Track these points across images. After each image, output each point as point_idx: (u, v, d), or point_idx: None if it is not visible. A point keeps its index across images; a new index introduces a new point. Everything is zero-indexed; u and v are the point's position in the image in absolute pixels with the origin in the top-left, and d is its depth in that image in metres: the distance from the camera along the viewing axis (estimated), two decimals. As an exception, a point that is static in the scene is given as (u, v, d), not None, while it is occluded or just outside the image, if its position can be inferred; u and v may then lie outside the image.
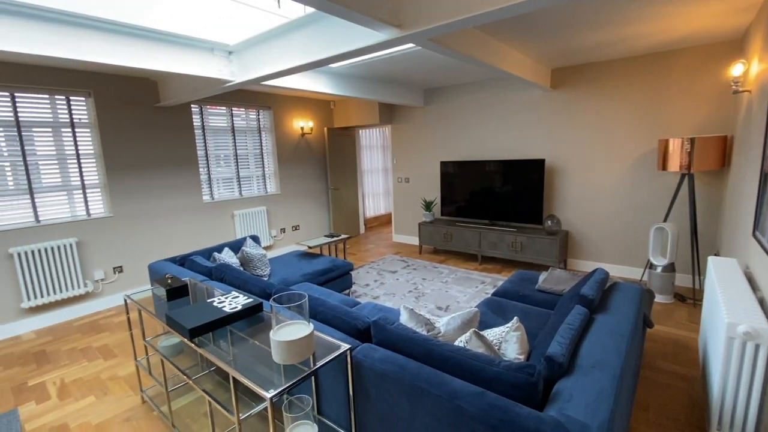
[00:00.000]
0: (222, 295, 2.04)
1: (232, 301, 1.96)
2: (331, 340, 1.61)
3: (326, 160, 6.31)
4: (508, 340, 1.67)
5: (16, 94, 3.38)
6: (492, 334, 1.75)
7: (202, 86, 3.49)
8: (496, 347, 1.68)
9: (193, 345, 1.62)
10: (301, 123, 5.81)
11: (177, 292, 2.18)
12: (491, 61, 3.10)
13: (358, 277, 4.56)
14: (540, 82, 4.10)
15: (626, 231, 4.19)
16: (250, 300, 1.95)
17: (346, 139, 6.50)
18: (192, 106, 4.56)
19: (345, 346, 1.53)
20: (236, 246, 3.55)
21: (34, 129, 3.49)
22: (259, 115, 5.36)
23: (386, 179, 8.32)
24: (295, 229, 5.92)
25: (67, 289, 3.65)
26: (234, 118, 5.07)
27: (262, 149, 5.44)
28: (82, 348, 3.11)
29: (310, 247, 3.97)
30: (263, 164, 5.48)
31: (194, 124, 4.59)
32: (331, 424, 1.72)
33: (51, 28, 2.35)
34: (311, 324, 1.50)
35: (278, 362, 1.41)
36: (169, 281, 2.23)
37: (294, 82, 3.70)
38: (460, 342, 1.58)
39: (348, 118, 6.22)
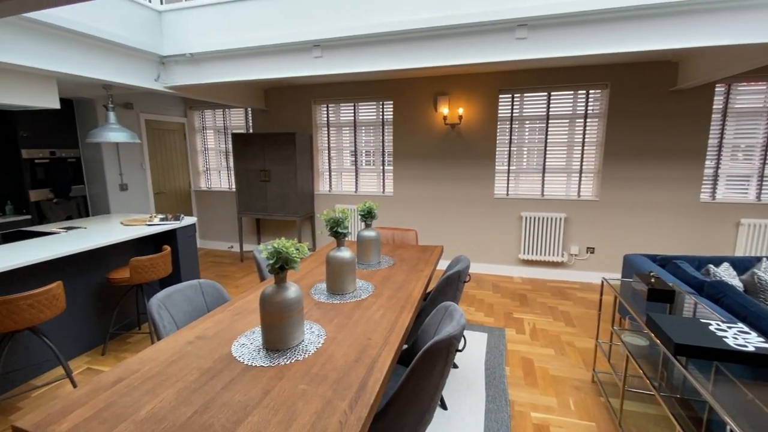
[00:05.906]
0: (723, 323, 1.62)
1: (739, 336, 1.50)
2: None
3: None
4: None
5: (552, 93, 4.26)
6: None
7: (746, 56, 2.75)
8: None
9: (677, 363, 1.40)
10: None
11: (660, 295, 1.98)
12: None
13: None
14: None
15: None
16: (774, 347, 1.40)
17: None
18: (717, 86, 3.78)
19: None
20: (742, 264, 2.70)
21: (554, 121, 4.29)
22: (831, 85, 3.58)
23: None
24: None
25: (548, 254, 4.41)
26: (779, 95, 3.70)
27: (820, 137, 3.66)
28: (550, 306, 3.68)
29: None
30: (816, 160, 3.70)
31: (713, 107, 3.80)
32: None
33: (590, 30, 2.64)
34: None
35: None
36: (653, 280, 2.06)
37: None
38: None
39: None
